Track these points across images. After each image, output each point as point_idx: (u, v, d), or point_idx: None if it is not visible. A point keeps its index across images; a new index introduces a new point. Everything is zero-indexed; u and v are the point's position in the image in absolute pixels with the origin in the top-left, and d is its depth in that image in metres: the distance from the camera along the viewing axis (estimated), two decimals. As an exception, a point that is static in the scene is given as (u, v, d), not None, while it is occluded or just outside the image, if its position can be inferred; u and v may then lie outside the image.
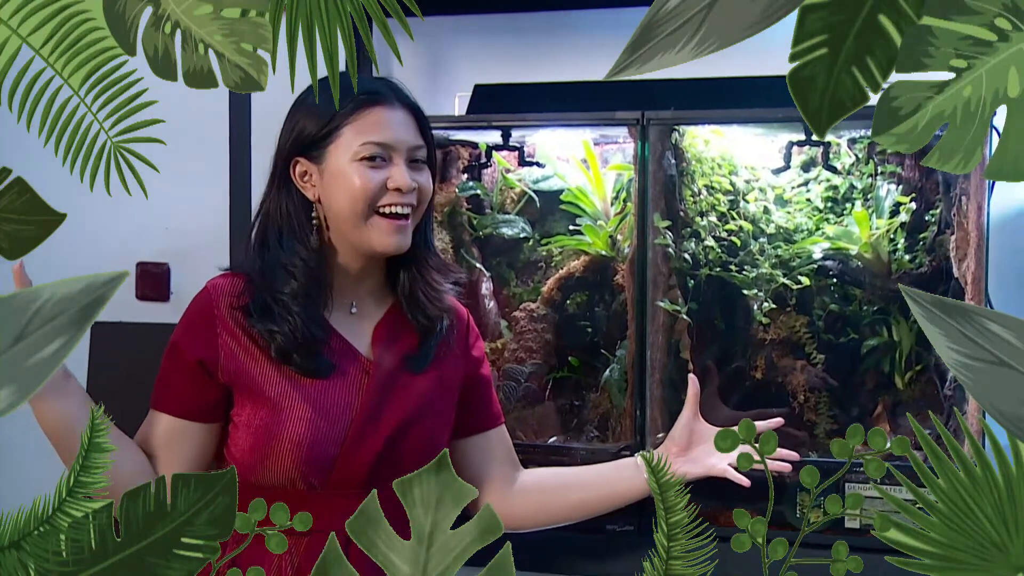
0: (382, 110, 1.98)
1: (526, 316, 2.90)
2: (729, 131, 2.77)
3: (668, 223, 2.67)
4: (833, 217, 2.74)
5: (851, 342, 2.68)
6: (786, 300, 2.71)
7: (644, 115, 2.61)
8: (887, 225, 2.65)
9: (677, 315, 2.69)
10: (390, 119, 1.98)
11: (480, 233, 2.96)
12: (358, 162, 1.95)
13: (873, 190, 2.69)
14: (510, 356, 2.88)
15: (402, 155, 1.98)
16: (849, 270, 2.70)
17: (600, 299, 2.89)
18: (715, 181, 2.78)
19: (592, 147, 2.83)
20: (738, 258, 2.74)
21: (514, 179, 2.98)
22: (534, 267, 2.98)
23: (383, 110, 1.98)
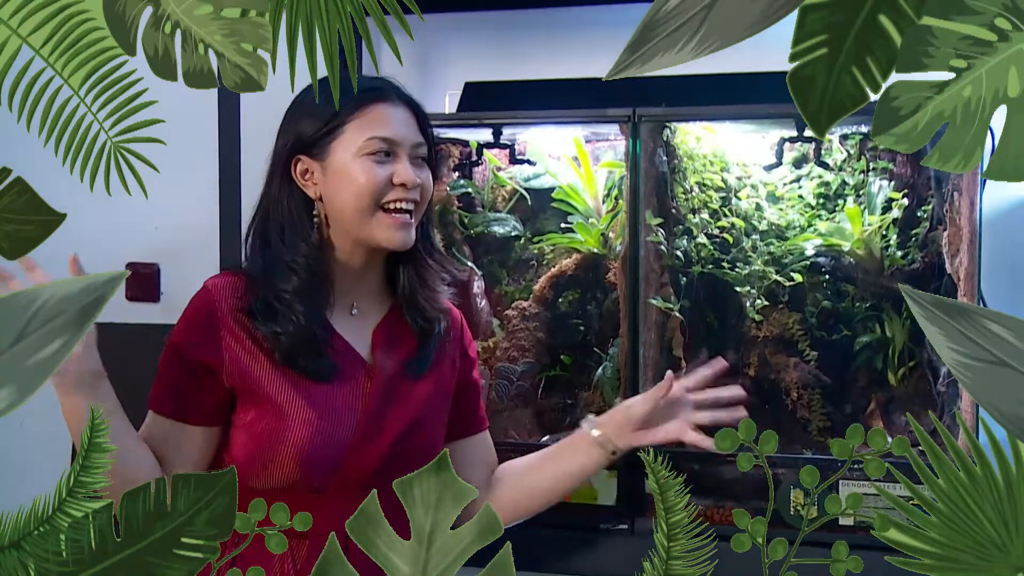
0: (385, 106, 1.99)
1: (518, 315, 2.90)
2: (721, 128, 2.78)
3: (660, 220, 2.68)
4: (825, 213, 2.75)
5: (844, 339, 2.69)
6: (779, 297, 2.72)
7: (635, 112, 2.61)
8: (879, 221, 2.65)
9: (670, 313, 2.69)
10: (393, 115, 1.99)
11: (471, 231, 2.96)
12: (362, 157, 1.95)
13: (865, 186, 2.69)
14: (502, 355, 2.88)
15: (405, 151, 1.98)
16: (842, 266, 2.70)
17: (592, 297, 2.89)
18: (707, 178, 2.78)
19: (583, 144, 2.83)
20: (730, 255, 2.74)
21: (505, 177, 2.98)
22: (526, 265, 2.98)
23: (386, 106, 1.99)
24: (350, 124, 1.96)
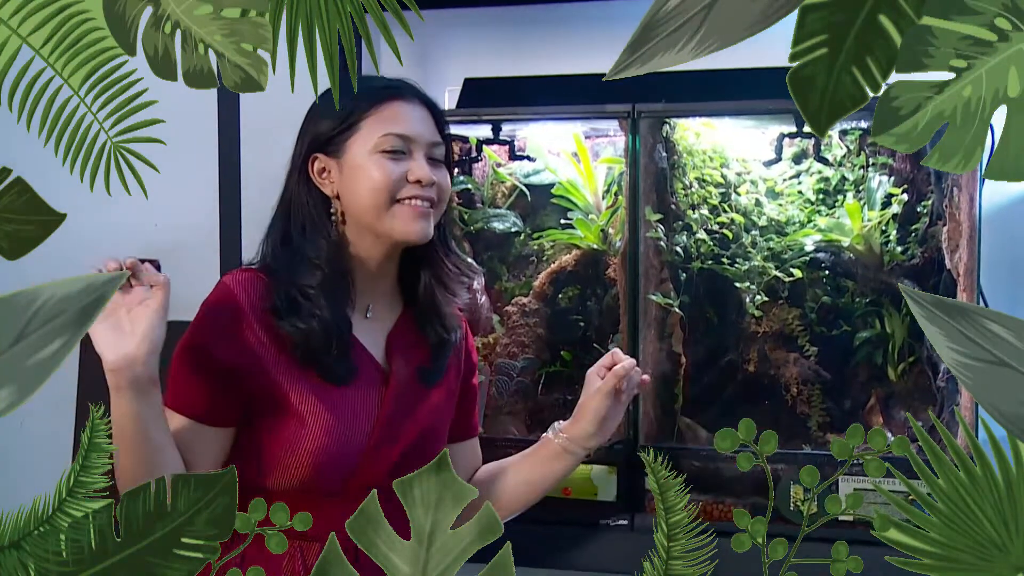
0: (401, 104, 1.98)
1: (518, 311, 2.90)
2: (720, 124, 2.78)
3: (660, 216, 2.68)
4: (825, 209, 2.74)
5: (844, 334, 2.69)
6: (778, 293, 2.72)
7: (635, 108, 2.61)
8: (879, 217, 2.65)
9: (669, 308, 2.69)
10: (409, 113, 1.98)
11: (471, 228, 2.95)
12: (378, 154, 1.94)
13: (865, 182, 2.69)
14: (502, 351, 2.88)
15: (422, 149, 1.97)
16: (841, 262, 2.70)
17: (592, 293, 2.89)
18: (706, 174, 2.78)
19: (583, 140, 2.83)
20: (730, 251, 2.74)
21: (505, 173, 2.98)
22: (525, 261, 2.98)
23: (402, 104, 1.98)
24: (366, 121, 1.95)
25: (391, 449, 1.99)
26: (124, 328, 1.74)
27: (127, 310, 1.75)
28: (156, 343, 1.76)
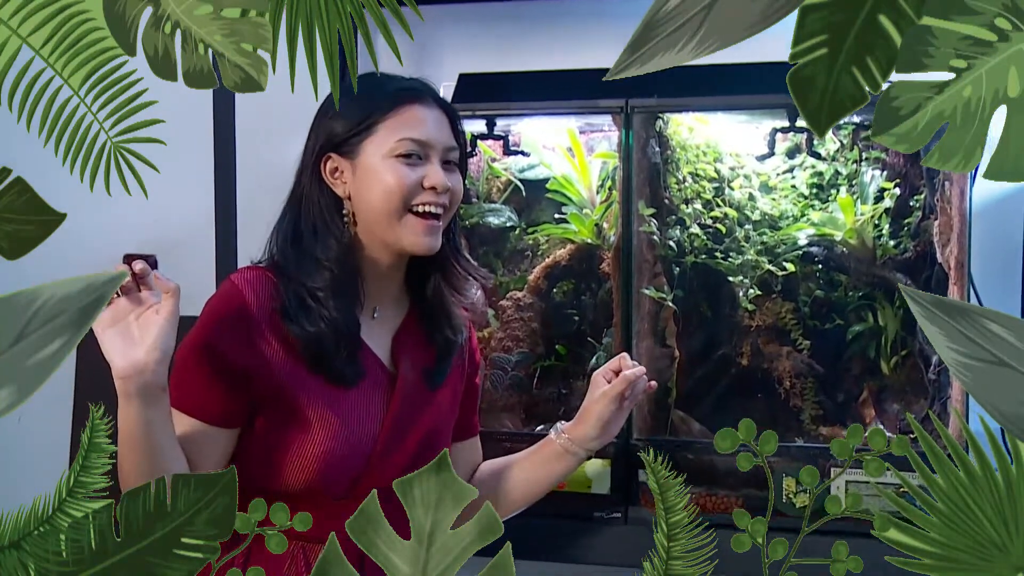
0: (420, 108, 1.95)
1: (513, 305, 2.90)
2: (713, 118, 2.78)
3: (653, 211, 2.68)
4: (818, 203, 2.75)
5: (836, 328, 2.69)
6: (771, 287, 2.72)
7: (628, 103, 2.62)
8: (872, 211, 2.66)
9: (663, 302, 2.70)
10: (427, 117, 1.95)
11: (466, 222, 2.95)
12: (394, 159, 1.91)
13: (858, 176, 2.70)
14: (497, 345, 2.88)
15: (438, 154, 1.95)
16: (834, 256, 2.71)
17: (586, 287, 2.89)
18: (700, 168, 2.78)
19: (577, 135, 2.84)
20: (723, 245, 2.74)
21: (500, 168, 2.98)
22: (520, 256, 2.98)
23: (421, 108, 1.95)
24: (383, 124, 1.93)
25: (398, 452, 1.98)
26: (134, 335, 1.72)
27: (136, 316, 1.74)
28: (166, 351, 1.74)
